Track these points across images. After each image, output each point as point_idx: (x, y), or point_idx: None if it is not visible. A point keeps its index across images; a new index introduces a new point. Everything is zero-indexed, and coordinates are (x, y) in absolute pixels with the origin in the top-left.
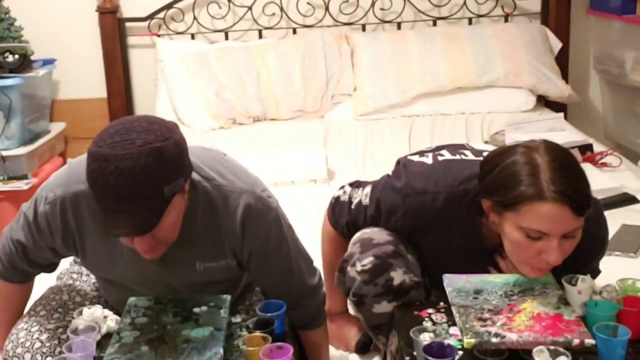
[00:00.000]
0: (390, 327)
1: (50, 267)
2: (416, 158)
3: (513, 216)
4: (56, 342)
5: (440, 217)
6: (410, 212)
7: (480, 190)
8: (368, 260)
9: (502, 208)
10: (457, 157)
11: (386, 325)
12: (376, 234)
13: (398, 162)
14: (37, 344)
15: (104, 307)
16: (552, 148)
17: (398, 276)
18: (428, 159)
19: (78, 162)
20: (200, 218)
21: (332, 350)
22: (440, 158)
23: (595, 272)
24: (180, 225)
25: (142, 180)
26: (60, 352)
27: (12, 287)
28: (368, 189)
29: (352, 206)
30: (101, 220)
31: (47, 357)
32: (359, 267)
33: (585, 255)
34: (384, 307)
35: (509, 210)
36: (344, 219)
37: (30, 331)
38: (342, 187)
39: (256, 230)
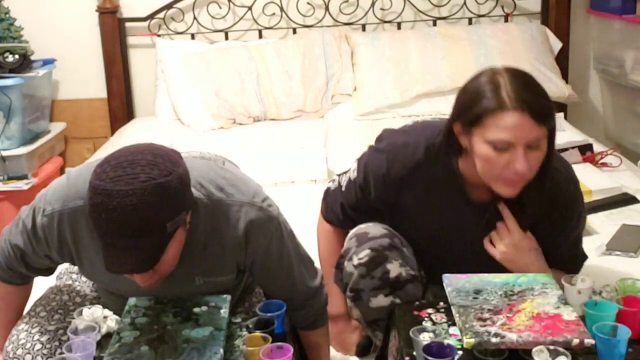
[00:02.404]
0: (389, 326)
1: (48, 272)
2: (396, 127)
3: (480, 131)
4: (57, 343)
5: (422, 169)
6: (394, 167)
7: (451, 115)
8: (364, 253)
9: (470, 126)
10: (436, 118)
11: (383, 320)
12: (371, 228)
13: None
14: (38, 346)
15: (104, 307)
16: (513, 69)
17: (394, 268)
18: (407, 123)
19: (77, 176)
20: (201, 234)
21: (332, 352)
22: (419, 120)
23: (579, 251)
24: (179, 256)
25: (145, 217)
26: (61, 354)
27: (10, 289)
28: (354, 165)
29: (343, 188)
30: (103, 255)
31: (47, 358)
32: (355, 261)
33: (559, 207)
34: (380, 301)
35: (475, 126)
36: (337, 203)
37: (30, 332)
38: (332, 180)
39: (258, 241)
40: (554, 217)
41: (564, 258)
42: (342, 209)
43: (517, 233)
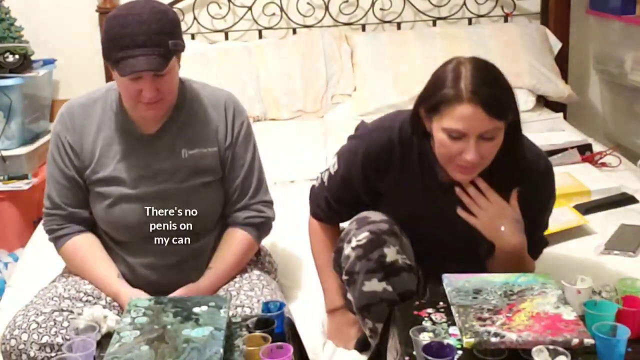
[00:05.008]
0: (388, 324)
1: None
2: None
3: (437, 119)
4: (52, 323)
5: (397, 150)
6: (369, 150)
7: (417, 100)
8: (363, 235)
9: (430, 113)
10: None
11: (374, 305)
12: (372, 213)
13: (356, 127)
14: (34, 325)
15: (99, 302)
16: (478, 61)
17: (391, 254)
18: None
19: (76, 98)
20: (186, 109)
21: (332, 347)
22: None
23: (543, 236)
24: (176, 91)
25: (154, 31)
26: (56, 332)
27: (80, 239)
28: (334, 159)
29: (326, 183)
30: (119, 66)
31: (43, 336)
32: (354, 243)
33: (535, 187)
34: (374, 285)
35: (434, 114)
36: (322, 198)
37: (27, 315)
38: (316, 177)
39: (236, 116)
40: (531, 204)
41: (534, 240)
42: (327, 202)
43: (502, 202)
